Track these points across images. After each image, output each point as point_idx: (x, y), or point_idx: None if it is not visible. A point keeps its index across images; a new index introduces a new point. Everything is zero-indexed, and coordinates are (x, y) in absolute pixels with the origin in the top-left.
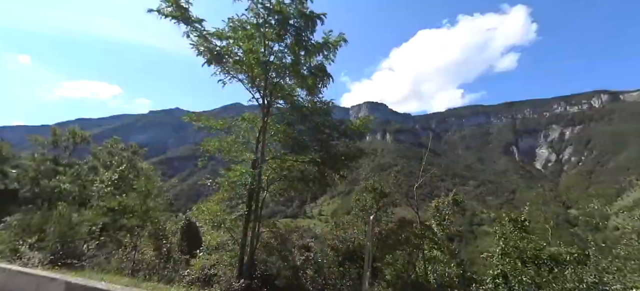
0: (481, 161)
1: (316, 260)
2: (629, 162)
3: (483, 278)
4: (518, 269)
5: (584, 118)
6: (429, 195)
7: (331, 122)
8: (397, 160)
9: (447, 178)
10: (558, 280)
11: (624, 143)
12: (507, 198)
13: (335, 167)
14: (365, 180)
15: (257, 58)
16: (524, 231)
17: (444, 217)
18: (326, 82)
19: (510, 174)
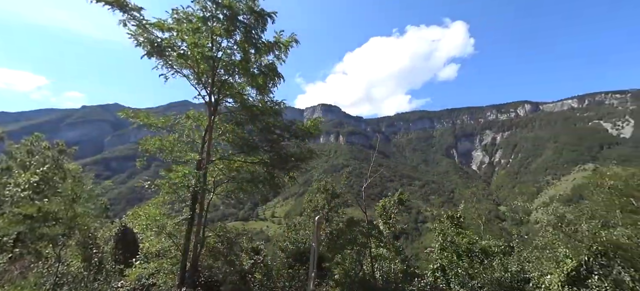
0: (426, 163)
1: (266, 263)
2: (546, 164)
3: (425, 272)
4: (454, 262)
5: (511, 125)
6: (379, 195)
7: (282, 122)
8: (350, 162)
9: (395, 178)
10: (487, 270)
11: (542, 148)
12: (448, 196)
13: (285, 168)
14: (317, 181)
15: (202, 53)
16: (459, 228)
17: (390, 216)
18: (277, 82)
19: (450, 175)
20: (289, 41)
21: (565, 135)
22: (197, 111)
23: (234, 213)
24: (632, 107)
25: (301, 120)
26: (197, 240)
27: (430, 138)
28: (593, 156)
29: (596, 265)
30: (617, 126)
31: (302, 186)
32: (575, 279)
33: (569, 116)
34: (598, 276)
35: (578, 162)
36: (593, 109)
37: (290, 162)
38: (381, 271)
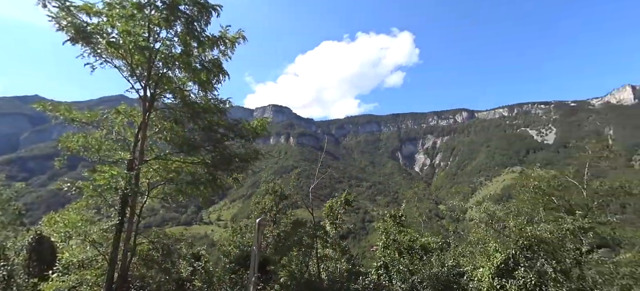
0: (373, 164)
1: (207, 270)
2: (480, 166)
3: (369, 270)
4: (396, 259)
5: (450, 130)
6: (328, 196)
7: (226, 121)
8: (300, 163)
9: (344, 179)
10: (426, 266)
11: (477, 152)
12: (393, 197)
13: (229, 169)
14: (266, 182)
15: (136, 42)
16: (401, 226)
17: (337, 216)
18: (222, 78)
19: (395, 176)
20: (236, 37)
21: (496, 140)
22: (130, 106)
23: (175, 217)
24: (554, 117)
25: (244, 119)
26: (127, 247)
27: (377, 141)
28: (520, 160)
29: (522, 257)
30: (542, 133)
31: (251, 188)
32: (504, 271)
33: (500, 123)
34: (524, 268)
35: (507, 165)
36: (521, 118)
37: (235, 163)
38: (327, 272)
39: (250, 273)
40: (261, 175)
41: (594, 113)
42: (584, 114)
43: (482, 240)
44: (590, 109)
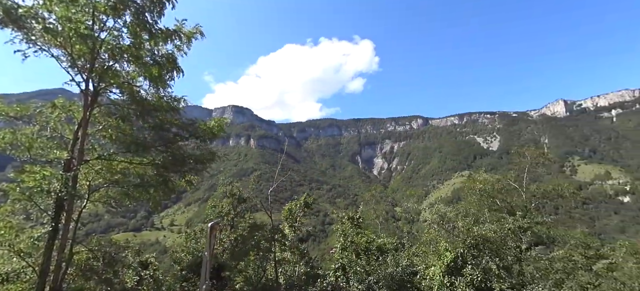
0: (333, 167)
1: (156, 278)
2: (433, 170)
3: (327, 272)
4: (353, 261)
5: (407, 136)
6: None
7: (180, 120)
8: (260, 166)
9: (305, 182)
10: (382, 266)
11: (430, 157)
12: (352, 199)
13: (182, 170)
14: (223, 185)
15: (77, 30)
16: (359, 228)
17: (296, 219)
18: (176, 75)
19: (355, 179)
20: (193, 32)
21: (448, 146)
22: (69, 100)
23: (123, 223)
24: (498, 126)
25: (200, 119)
26: (61, 257)
27: (338, 145)
28: (469, 164)
29: (469, 256)
30: (487, 140)
31: (207, 191)
32: (453, 269)
33: (452, 131)
34: (471, 265)
35: (457, 169)
36: (470, 126)
37: (189, 165)
38: (285, 276)
39: (202, 281)
40: (219, 177)
41: (532, 123)
42: (523, 124)
43: (434, 240)
44: (529, 120)
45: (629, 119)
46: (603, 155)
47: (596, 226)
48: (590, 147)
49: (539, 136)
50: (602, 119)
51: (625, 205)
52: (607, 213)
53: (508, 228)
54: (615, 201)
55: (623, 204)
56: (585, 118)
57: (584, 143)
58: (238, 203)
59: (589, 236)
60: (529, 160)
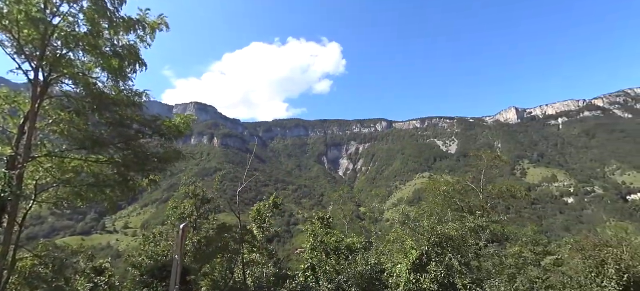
0: (299, 168)
1: (111, 285)
2: (395, 171)
3: (295, 272)
4: (323, 261)
5: (371, 138)
6: (253, 200)
7: (141, 116)
8: (224, 165)
9: (270, 183)
10: (351, 265)
11: (393, 158)
12: (318, 200)
13: (144, 169)
14: (185, 185)
15: (28, 12)
16: (328, 228)
17: (265, 219)
18: (138, 68)
19: (320, 179)
20: (157, 23)
21: (410, 148)
22: (14, 90)
23: (69, 226)
24: (457, 130)
25: (165, 116)
26: (2, 264)
27: (304, 145)
28: (429, 166)
29: (433, 253)
30: (446, 144)
31: (166, 191)
32: (419, 266)
33: (414, 134)
34: (435, 262)
35: (418, 171)
36: (430, 129)
37: (151, 163)
38: (253, 277)
39: (172, 285)
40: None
41: (486, 128)
42: (479, 129)
43: (400, 238)
44: (484, 125)
45: (574, 127)
46: (550, 159)
47: (543, 225)
48: (539, 152)
49: (492, 140)
50: (550, 126)
51: (569, 206)
52: (553, 213)
53: (468, 227)
54: (560, 201)
55: (567, 204)
56: (534, 125)
57: (533, 148)
58: (201, 204)
59: (537, 233)
60: (486, 162)
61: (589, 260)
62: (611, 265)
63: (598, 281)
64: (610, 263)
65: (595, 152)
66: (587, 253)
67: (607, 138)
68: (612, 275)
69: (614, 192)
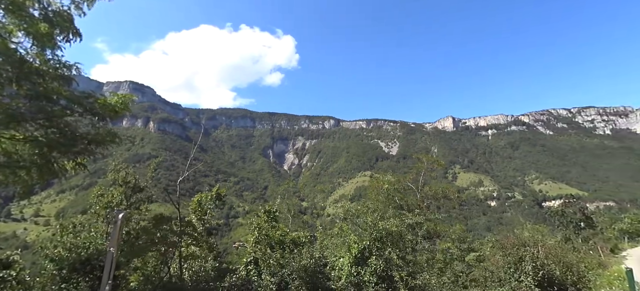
0: (243, 160)
1: (21, 280)
2: (340, 169)
3: (237, 266)
4: (267, 254)
5: (319, 134)
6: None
7: (71, 92)
8: (160, 152)
9: (211, 173)
10: (296, 258)
11: (339, 156)
12: (261, 193)
13: (72, 151)
14: (114, 171)
15: None
16: (274, 221)
17: (206, 212)
18: (72, 38)
19: (265, 173)
20: None
21: (355, 147)
22: None
23: None
24: (399, 134)
25: (99, 93)
26: None
27: (250, 137)
28: (371, 165)
29: (374, 248)
30: (389, 145)
31: (88, 177)
32: (360, 260)
33: (359, 134)
34: (375, 256)
35: (361, 169)
36: (375, 131)
37: (80, 145)
38: (191, 271)
39: (104, 281)
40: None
41: (426, 134)
42: (419, 134)
43: (344, 233)
44: (424, 131)
45: (501, 139)
46: (478, 166)
47: (468, 225)
48: (469, 159)
49: (430, 145)
50: (481, 136)
51: (491, 208)
52: (478, 214)
53: (407, 224)
54: (484, 204)
55: (490, 207)
56: (468, 134)
57: (465, 155)
58: (132, 193)
59: (464, 232)
60: (425, 165)
61: (508, 257)
62: (528, 262)
63: (516, 276)
64: (527, 260)
65: (518, 162)
66: (507, 251)
67: (529, 151)
68: (529, 271)
69: (531, 198)
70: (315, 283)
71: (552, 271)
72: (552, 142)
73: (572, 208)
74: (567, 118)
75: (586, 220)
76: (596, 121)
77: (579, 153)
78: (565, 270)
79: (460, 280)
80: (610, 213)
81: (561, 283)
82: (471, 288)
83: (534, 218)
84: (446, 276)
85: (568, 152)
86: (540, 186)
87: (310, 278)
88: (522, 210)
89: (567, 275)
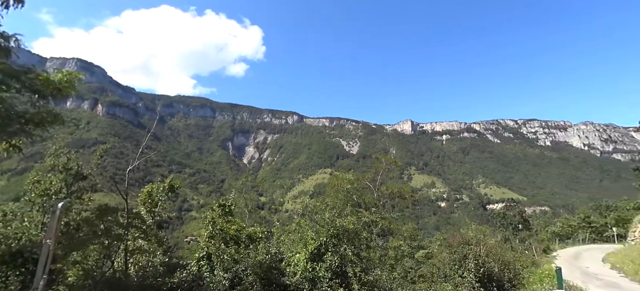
0: (200, 151)
1: None
2: (300, 165)
3: (188, 261)
4: (221, 249)
5: (281, 129)
6: (140, 180)
7: (8, 65)
8: (108, 138)
9: (164, 164)
10: (252, 254)
11: (300, 152)
12: (217, 186)
13: (6, 131)
14: (54, 156)
15: None
16: (230, 215)
17: (157, 203)
18: (12, 2)
19: (223, 165)
20: None
21: (317, 144)
22: None
23: None
24: (360, 133)
25: (42, 69)
26: None
27: (209, 127)
28: (332, 163)
29: (331, 244)
30: (350, 144)
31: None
32: (316, 256)
33: (322, 131)
34: (331, 252)
35: (322, 167)
36: (337, 129)
37: (16, 125)
38: (137, 266)
39: (38, 276)
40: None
41: (386, 136)
42: (379, 135)
43: (302, 229)
44: (384, 132)
45: (454, 144)
46: (432, 168)
47: (419, 223)
48: (424, 161)
49: (389, 147)
50: (436, 141)
51: (441, 209)
52: (428, 214)
53: (363, 221)
54: (435, 204)
55: (440, 207)
56: (424, 138)
57: (420, 157)
58: (74, 181)
59: (415, 230)
60: (384, 165)
61: (454, 255)
62: (471, 259)
63: (460, 272)
64: (470, 258)
65: (468, 167)
66: (453, 249)
67: (478, 157)
68: (471, 268)
69: (477, 200)
70: (270, 279)
71: (491, 268)
72: (499, 149)
73: (512, 211)
74: (514, 128)
75: (524, 223)
76: (539, 133)
77: (522, 161)
78: (503, 267)
79: (409, 275)
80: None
81: (499, 280)
82: (419, 283)
83: (478, 219)
84: (397, 272)
85: (512, 160)
86: (486, 190)
87: (265, 274)
88: (468, 211)
89: (505, 272)
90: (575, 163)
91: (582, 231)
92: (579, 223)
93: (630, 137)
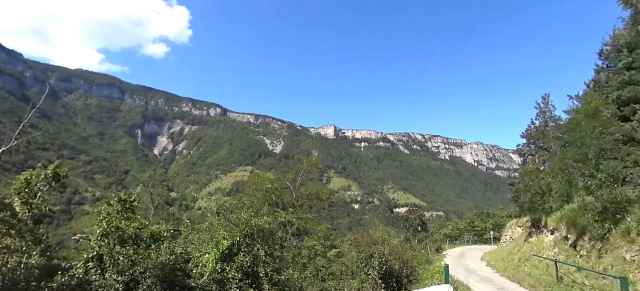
0: (101, 136)
1: None
2: (219, 161)
3: (74, 263)
4: (116, 250)
5: (201, 121)
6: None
7: None
8: None
9: (53, 147)
10: (153, 254)
11: (220, 147)
12: (119, 177)
13: None
14: None
15: None
16: (131, 212)
17: (36, 194)
18: None
19: (128, 154)
20: None
21: (239, 140)
22: None
23: None
24: (285, 134)
25: None
26: None
27: (115, 110)
28: (253, 161)
29: (244, 244)
30: (274, 143)
31: None
32: (227, 256)
33: (246, 127)
34: (244, 253)
35: (242, 164)
36: (262, 127)
37: None
38: (5, 269)
39: None
40: None
41: (309, 138)
42: (303, 137)
43: (214, 228)
44: (308, 134)
45: (371, 151)
46: (349, 173)
47: (334, 224)
48: (343, 165)
49: (311, 149)
50: (355, 147)
51: (355, 210)
52: (343, 215)
53: (280, 221)
54: (349, 206)
55: (354, 209)
56: (344, 144)
57: (339, 161)
58: None
59: (329, 230)
60: (305, 167)
61: (361, 254)
62: (376, 258)
63: (365, 269)
64: (375, 256)
65: (380, 173)
66: (361, 248)
67: (389, 165)
68: (376, 265)
69: (386, 204)
70: (173, 281)
71: (392, 266)
72: (408, 160)
73: (414, 214)
74: (421, 142)
75: (422, 225)
76: (441, 148)
77: (425, 171)
78: (402, 264)
79: (320, 274)
80: (440, 221)
81: (398, 275)
82: (329, 280)
83: (386, 220)
84: (308, 271)
85: (417, 170)
86: (394, 194)
87: (167, 276)
88: (378, 213)
89: (403, 269)
90: (466, 176)
91: (467, 233)
92: (465, 226)
93: (509, 157)
